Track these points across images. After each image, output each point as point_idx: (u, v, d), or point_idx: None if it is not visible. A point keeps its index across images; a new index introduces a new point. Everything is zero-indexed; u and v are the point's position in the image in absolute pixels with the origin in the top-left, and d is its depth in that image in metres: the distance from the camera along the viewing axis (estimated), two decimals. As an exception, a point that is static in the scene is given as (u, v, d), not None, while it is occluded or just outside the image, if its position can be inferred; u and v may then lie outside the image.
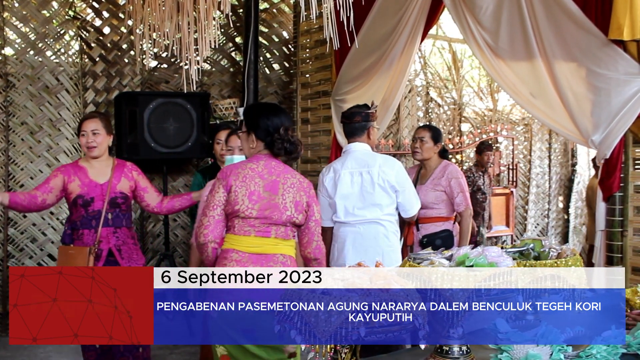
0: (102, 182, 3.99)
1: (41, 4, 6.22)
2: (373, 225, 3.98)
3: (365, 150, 4.08)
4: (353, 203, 3.97)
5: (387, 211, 3.98)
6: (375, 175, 3.94)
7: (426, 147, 4.83)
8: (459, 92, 9.21)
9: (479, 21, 4.53)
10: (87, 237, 3.90)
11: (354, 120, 4.10)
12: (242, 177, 2.93)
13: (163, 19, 3.64)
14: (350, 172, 4.00)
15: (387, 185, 3.94)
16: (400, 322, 1.85)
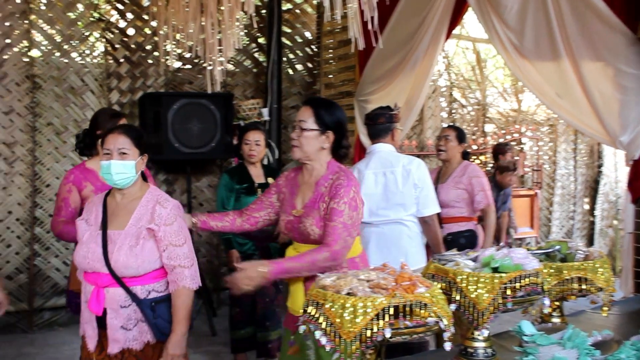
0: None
1: (67, 7, 6.28)
2: (396, 225, 3.97)
3: (389, 151, 4.09)
4: (377, 203, 3.97)
5: (410, 211, 3.96)
6: (399, 175, 3.94)
7: (450, 146, 4.94)
8: (483, 93, 9.16)
9: (504, 20, 4.49)
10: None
11: (377, 122, 4.11)
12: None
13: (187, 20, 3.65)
14: (374, 173, 4.00)
15: (411, 183, 3.92)
16: (425, 323, 1.83)
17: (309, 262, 2.75)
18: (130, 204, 2.84)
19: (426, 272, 2.34)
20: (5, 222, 5.97)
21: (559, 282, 2.59)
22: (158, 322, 2.80)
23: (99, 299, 2.74)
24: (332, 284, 1.91)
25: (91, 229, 2.82)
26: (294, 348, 3.05)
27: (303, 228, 2.90)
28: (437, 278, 2.26)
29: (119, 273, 2.72)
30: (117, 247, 2.72)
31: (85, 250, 2.76)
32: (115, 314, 2.75)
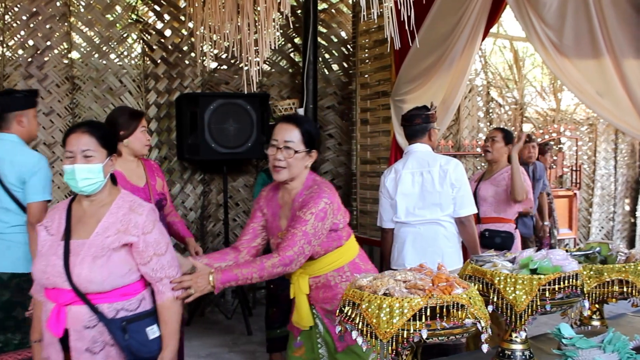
0: (142, 185, 3.68)
1: (105, 9, 6.37)
2: (433, 225, 3.95)
3: (427, 151, 4.09)
4: (414, 203, 3.96)
5: (447, 212, 3.94)
6: (436, 175, 3.93)
7: (497, 147, 4.96)
8: (521, 92, 9.06)
9: (543, 18, 4.42)
10: None
11: (414, 123, 4.10)
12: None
13: (223, 20, 3.67)
14: (412, 172, 4.00)
15: (448, 183, 3.90)
16: (462, 325, 1.81)
17: (257, 268, 2.66)
18: (99, 211, 2.54)
19: (463, 273, 2.32)
20: (45, 221, 6.06)
21: (599, 284, 2.55)
22: (131, 344, 2.50)
23: (59, 318, 2.44)
24: (368, 284, 1.91)
25: (52, 239, 2.52)
26: (301, 349, 3.05)
27: None
28: (474, 279, 2.24)
29: (82, 289, 2.43)
30: (79, 259, 2.43)
31: (44, 264, 2.47)
32: (79, 336, 2.45)
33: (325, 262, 2.92)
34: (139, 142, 3.66)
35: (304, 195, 2.86)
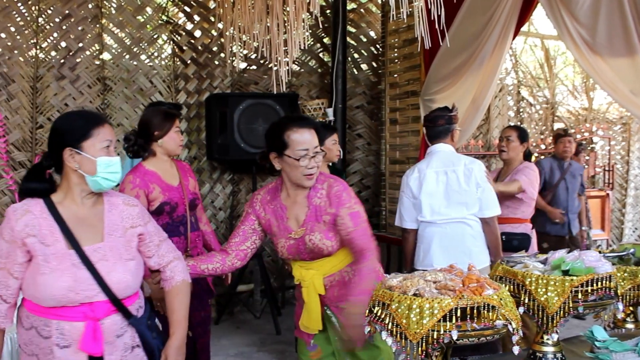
0: (176, 185, 3.65)
1: (136, 10, 6.43)
2: (459, 225, 3.92)
3: (450, 151, 4.07)
4: (439, 202, 3.93)
5: (472, 211, 3.90)
6: (461, 174, 3.90)
7: (512, 146, 4.98)
8: (552, 91, 8.96)
9: (575, 16, 4.37)
10: (177, 245, 3.38)
11: (437, 124, 4.09)
12: None
13: (252, 21, 3.69)
14: (436, 172, 3.98)
15: (473, 182, 3.88)
16: (493, 326, 1.80)
17: (370, 274, 2.69)
18: (94, 212, 2.35)
19: (494, 274, 2.30)
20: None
21: (633, 286, 2.51)
22: (157, 342, 2.45)
23: (96, 335, 2.22)
24: (398, 284, 1.90)
25: (52, 249, 2.22)
26: (317, 352, 3.03)
27: (312, 245, 2.84)
28: (505, 280, 2.22)
29: (119, 295, 2.28)
30: (111, 264, 2.27)
31: (70, 278, 2.20)
32: (112, 348, 2.28)
33: (339, 258, 2.91)
34: (173, 142, 3.64)
35: (322, 190, 2.86)
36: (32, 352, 2.27)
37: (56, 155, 2.28)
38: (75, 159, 2.25)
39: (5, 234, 2.23)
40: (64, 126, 2.30)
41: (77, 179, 2.28)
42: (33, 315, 2.25)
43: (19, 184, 5.78)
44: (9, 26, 5.88)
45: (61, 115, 2.43)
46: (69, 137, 2.26)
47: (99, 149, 2.26)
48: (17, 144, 5.90)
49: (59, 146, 2.26)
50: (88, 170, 2.25)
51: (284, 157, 2.80)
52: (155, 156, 3.61)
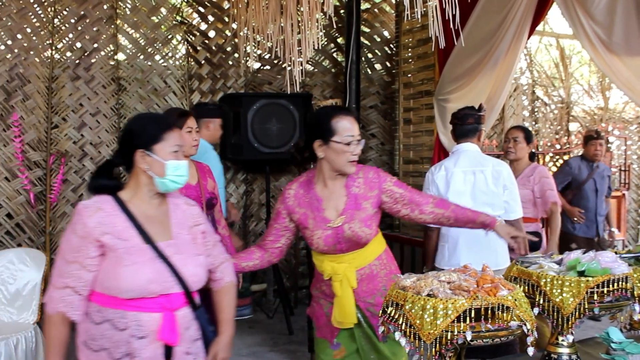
0: (195, 184, 3.67)
1: (151, 11, 6.46)
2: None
3: (477, 151, 4.07)
4: (465, 202, 3.90)
5: (498, 212, 3.89)
6: (489, 175, 3.90)
7: (519, 147, 5.02)
8: (567, 90, 8.90)
9: (591, 15, 4.33)
10: None
11: (467, 122, 4.07)
12: None
13: (266, 21, 3.69)
14: (463, 171, 3.96)
15: (501, 184, 3.87)
16: (507, 327, 1.79)
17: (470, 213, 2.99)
18: (161, 210, 2.46)
19: (508, 275, 2.29)
20: (92, 220, 6.17)
21: (649, 287, 2.48)
22: (213, 336, 2.54)
23: (173, 325, 2.33)
24: (412, 285, 1.89)
25: (129, 244, 2.32)
26: (341, 351, 3.02)
27: (351, 233, 2.87)
28: (520, 281, 2.21)
29: (192, 288, 2.41)
30: (184, 258, 2.38)
31: (150, 270, 2.29)
32: (182, 339, 2.38)
33: (370, 251, 2.96)
34: (184, 143, 3.57)
35: (359, 178, 2.95)
36: (100, 346, 2.31)
37: (127, 155, 2.39)
38: (146, 160, 2.35)
39: (77, 230, 2.29)
40: (137, 128, 2.41)
41: (146, 180, 2.38)
42: (107, 309, 2.30)
43: (33, 184, 5.84)
44: (25, 27, 5.93)
45: (135, 117, 2.55)
46: (141, 140, 2.36)
47: (168, 153, 2.36)
48: (33, 144, 5.94)
49: (131, 147, 2.37)
50: (157, 172, 2.35)
51: (330, 144, 2.84)
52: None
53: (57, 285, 2.30)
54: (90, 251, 2.28)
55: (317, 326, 3.11)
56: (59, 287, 2.29)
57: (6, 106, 5.84)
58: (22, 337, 4.18)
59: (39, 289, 4.58)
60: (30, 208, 5.90)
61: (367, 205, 2.89)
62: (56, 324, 2.31)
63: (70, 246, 2.29)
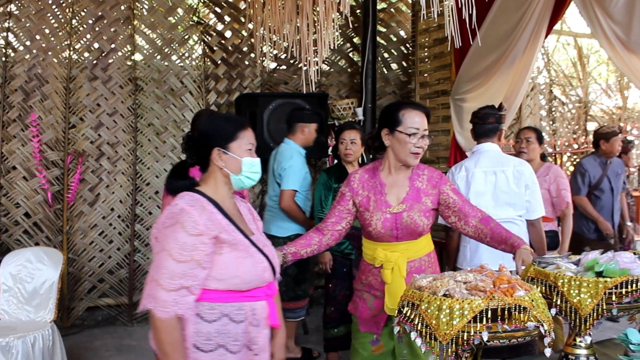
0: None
1: (168, 11, 6.49)
2: (508, 224, 3.85)
3: (497, 151, 4.04)
4: (486, 202, 3.88)
5: (519, 212, 3.88)
6: (511, 175, 3.87)
7: (532, 148, 5.00)
8: (585, 90, 8.83)
9: (609, 14, 4.30)
10: None
11: (487, 122, 4.05)
12: None
13: (282, 21, 3.69)
14: (484, 171, 3.94)
15: (522, 184, 3.85)
16: (524, 327, 1.77)
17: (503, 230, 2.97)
18: (235, 205, 2.55)
19: (525, 275, 2.27)
20: (107, 219, 6.23)
21: (669, 288, 2.46)
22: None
23: (274, 310, 2.50)
24: (428, 285, 1.88)
25: (237, 238, 2.39)
26: (379, 347, 3.07)
27: (409, 221, 2.96)
28: (537, 281, 2.19)
29: (277, 277, 2.54)
30: (270, 249, 2.51)
31: (262, 261, 2.41)
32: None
33: (423, 244, 3.06)
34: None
35: (423, 175, 3.10)
36: (216, 344, 2.32)
37: (204, 155, 2.45)
38: (222, 158, 2.42)
39: (189, 228, 2.26)
40: (213, 129, 2.47)
41: (223, 177, 2.45)
42: (223, 304, 2.33)
43: (51, 183, 5.88)
44: (43, 28, 5.97)
45: (208, 118, 2.67)
46: (217, 139, 2.44)
47: (244, 150, 2.46)
48: (50, 144, 5.99)
49: (208, 146, 2.43)
50: (233, 169, 2.44)
51: (395, 134, 2.98)
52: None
53: (170, 287, 2.25)
54: (206, 248, 2.28)
55: (360, 321, 3.17)
56: (172, 289, 2.25)
57: (24, 106, 5.88)
58: (39, 335, 4.21)
59: (56, 287, 4.61)
60: (47, 207, 5.95)
61: (426, 200, 3.00)
62: (175, 327, 2.29)
63: (182, 245, 2.24)
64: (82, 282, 6.13)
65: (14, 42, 5.95)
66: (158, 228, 2.32)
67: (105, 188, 6.19)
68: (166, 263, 2.25)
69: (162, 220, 2.30)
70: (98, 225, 6.19)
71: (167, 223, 2.28)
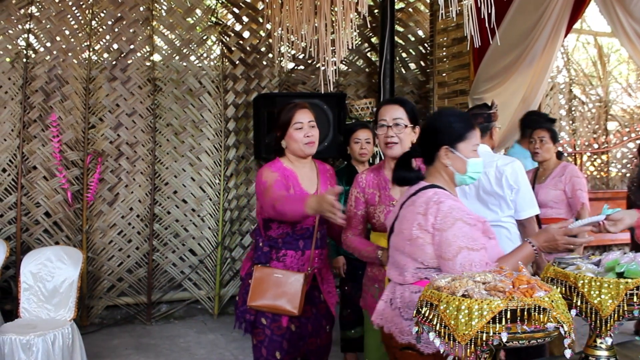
0: (313, 192, 3.21)
1: (186, 12, 6.52)
2: (495, 228, 3.80)
3: (485, 152, 3.93)
4: (472, 205, 3.79)
5: (507, 213, 3.77)
6: (492, 176, 3.74)
7: (546, 147, 4.95)
8: (605, 89, 8.75)
9: (630, 12, 4.26)
10: (291, 259, 3.20)
11: (476, 122, 3.98)
12: None
13: (300, 21, 3.70)
14: None
15: (505, 185, 3.73)
16: (544, 328, 1.76)
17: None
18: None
19: (545, 276, 2.25)
20: (126, 219, 6.26)
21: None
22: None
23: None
24: (446, 285, 1.87)
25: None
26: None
27: None
28: (557, 282, 2.17)
29: None
30: None
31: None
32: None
33: None
34: (298, 140, 3.27)
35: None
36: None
37: (431, 151, 2.51)
38: (449, 157, 2.48)
39: (468, 219, 2.34)
40: (444, 126, 2.51)
41: (447, 175, 2.51)
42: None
43: (71, 183, 5.93)
44: (63, 29, 6.03)
45: (439, 115, 2.70)
46: (447, 137, 2.48)
47: (470, 151, 2.49)
48: (70, 144, 6.03)
49: (436, 143, 2.49)
50: (459, 168, 2.49)
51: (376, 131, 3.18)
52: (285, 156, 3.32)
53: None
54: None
55: (372, 314, 3.16)
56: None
57: (45, 107, 5.93)
58: (59, 333, 4.24)
59: (75, 286, 4.65)
60: (67, 207, 6.00)
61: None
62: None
63: (471, 236, 2.31)
64: (101, 281, 6.18)
65: (34, 44, 6.01)
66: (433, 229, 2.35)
67: (124, 188, 6.23)
68: (472, 257, 2.29)
69: (436, 222, 2.34)
70: (117, 225, 6.23)
71: (445, 226, 2.33)
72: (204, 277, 6.54)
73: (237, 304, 3.34)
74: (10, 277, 5.63)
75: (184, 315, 6.52)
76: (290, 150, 3.27)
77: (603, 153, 8.34)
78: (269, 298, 3.11)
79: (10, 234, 5.81)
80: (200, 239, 6.51)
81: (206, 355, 5.34)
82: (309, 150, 3.23)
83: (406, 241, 2.44)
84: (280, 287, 3.11)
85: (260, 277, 3.15)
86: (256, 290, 3.14)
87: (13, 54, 5.91)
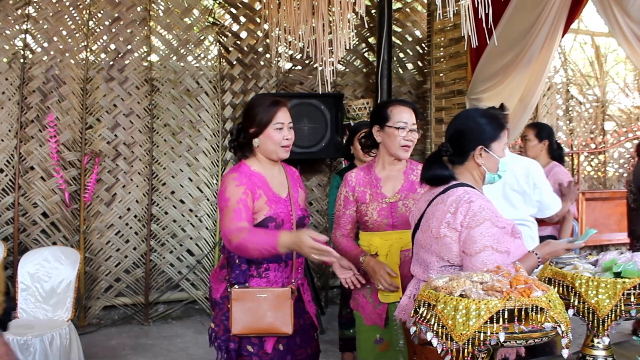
0: (285, 197, 2.99)
1: (183, 12, 6.52)
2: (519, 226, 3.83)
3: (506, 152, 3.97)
4: (497, 203, 3.81)
5: (530, 212, 3.82)
6: (520, 174, 3.78)
7: (530, 146, 4.87)
8: (602, 89, 8.75)
9: (627, 12, 4.27)
10: (274, 273, 2.93)
11: None
12: None
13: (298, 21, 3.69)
14: None
15: (531, 183, 3.78)
16: (542, 328, 1.76)
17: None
18: None
19: (542, 275, 2.26)
20: (124, 219, 6.26)
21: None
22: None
23: None
24: (444, 285, 1.88)
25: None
26: (384, 345, 3.09)
27: (404, 209, 3.12)
28: (554, 282, 2.18)
29: None
30: None
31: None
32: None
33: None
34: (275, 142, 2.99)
35: (417, 170, 3.16)
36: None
37: (465, 150, 2.55)
38: (483, 156, 2.53)
39: (496, 221, 2.38)
40: (478, 126, 2.56)
41: (479, 174, 2.57)
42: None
43: (68, 183, 5.92)
44: (61, 30, 6.02)
45: (472, 115, 2.68)
46: (483, 137, 2.54)
47: (502, 150, 2.56)
48: (67, 144, 6.03)
49: (472, 142, 2.54)
50: (490, 167, 2.56)
51: (385, 129, 3.14)
52: (255, 156, 3.02)
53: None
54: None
55: (364, 316, 3.22)
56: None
57: (42, 107, 5.93)
58: (56, 334, 4.24)
59: (73, 286, 4.65)
60: (65, 207, 5.99)
61: (421, 191, 3.03)
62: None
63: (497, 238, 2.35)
64: (98, 281, 6.17)
65: (32, 44, 6.00)
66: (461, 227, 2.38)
67: (121, 188, 6.23)
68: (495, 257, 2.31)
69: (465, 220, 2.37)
70: (114, 225, 6.22)
71: (473, 224, 2.35)
72: (201, 278, 6.53)
73: (216, 333, 2.97)
74: (7, 278, 5.62)
75: (181, 316, 6.51)
76: (262, 150, 2.94)
77: (600, 153, 8.35)
78: (256, 321, 2.82)
79: (7, 235, 5.80)
80: (197, 239, 6.51)
81: (204, 356, 5.33)
82: (283, 155, 2.97)
83: (433, 239, 2.46)
84: (267, 307, 2.82)
85: (241, 301, 2.82)
86: (239, 316, 2.82)
87: (10, 55, 5.90)
